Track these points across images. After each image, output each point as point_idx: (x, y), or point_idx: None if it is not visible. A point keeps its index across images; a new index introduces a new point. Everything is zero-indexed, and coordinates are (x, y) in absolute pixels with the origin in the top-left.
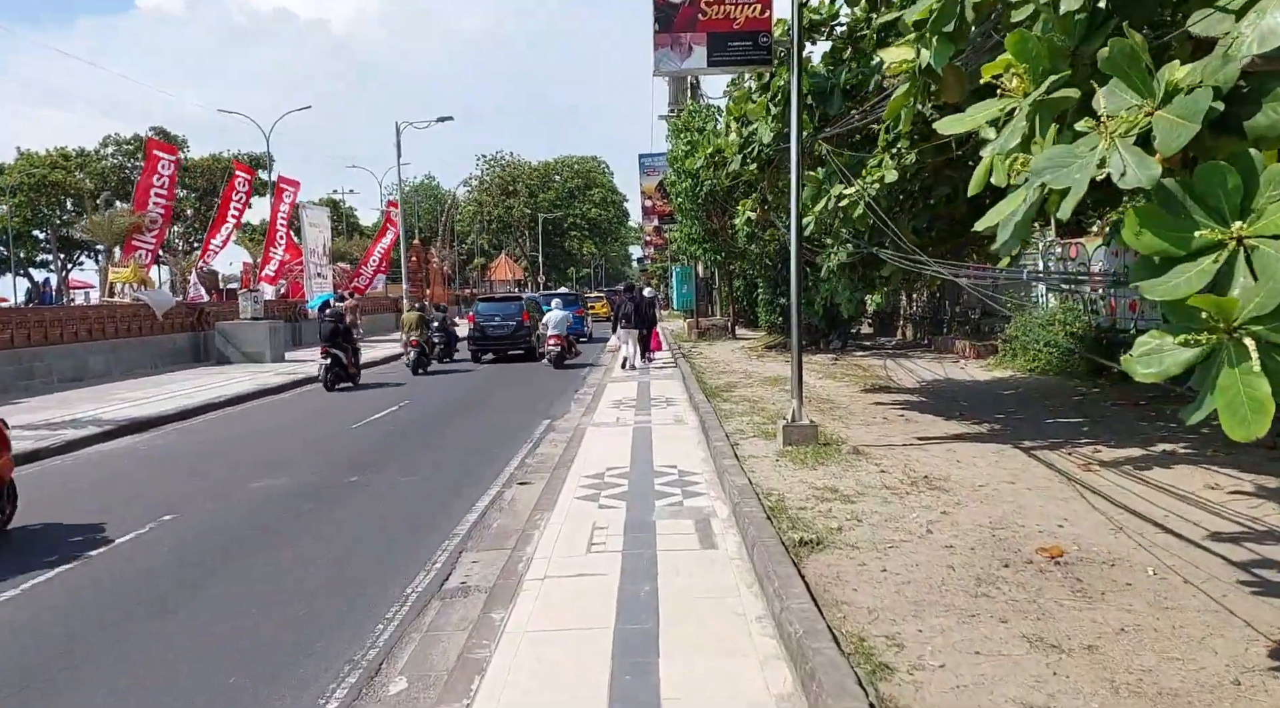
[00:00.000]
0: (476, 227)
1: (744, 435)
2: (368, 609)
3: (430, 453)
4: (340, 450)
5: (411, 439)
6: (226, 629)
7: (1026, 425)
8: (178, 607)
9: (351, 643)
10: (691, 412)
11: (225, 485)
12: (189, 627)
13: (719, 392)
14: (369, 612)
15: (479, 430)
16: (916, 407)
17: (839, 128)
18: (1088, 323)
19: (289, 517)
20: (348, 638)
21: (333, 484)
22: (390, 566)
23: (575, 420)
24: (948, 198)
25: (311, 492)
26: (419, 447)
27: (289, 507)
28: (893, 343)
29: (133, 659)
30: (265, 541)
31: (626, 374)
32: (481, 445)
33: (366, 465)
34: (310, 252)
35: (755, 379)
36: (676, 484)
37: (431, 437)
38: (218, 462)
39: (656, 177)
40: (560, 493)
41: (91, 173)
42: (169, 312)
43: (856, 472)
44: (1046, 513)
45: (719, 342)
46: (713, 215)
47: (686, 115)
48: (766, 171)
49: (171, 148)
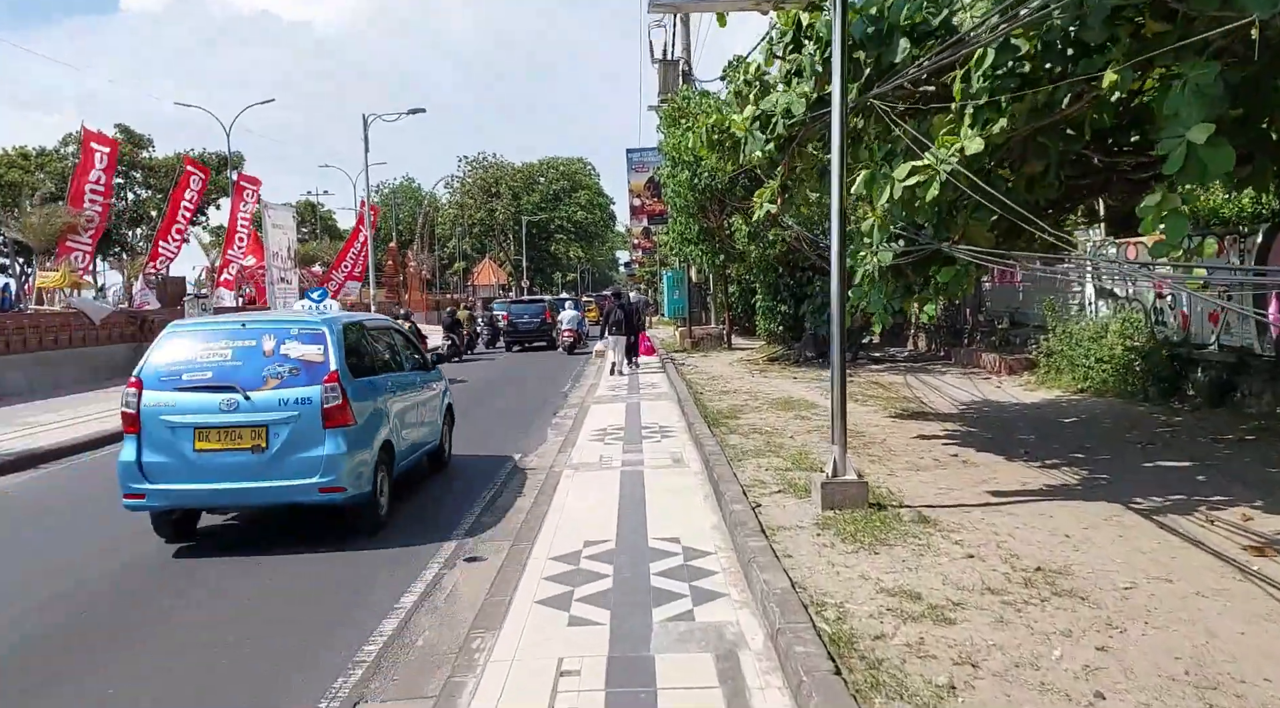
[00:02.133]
0: (458, 230)
1: (765, 490)
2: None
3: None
4: None
5: None
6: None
7: (1122, 471)
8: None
9: None
10: (692, 446)
11: (84, 562)
12: None
13: (723, 418)
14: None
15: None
16: (968, 440)
17: (898, 80)
18: (1150, 335)
19: (117, 623)
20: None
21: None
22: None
23: (550, 457)
24: (1028, 181)
25: (182, 570)
26: None
27: (126, 607)
28: (904, 354)
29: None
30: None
31: (613, 392)
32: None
33: (238, 531)
34: (273, 255)
35: (763, 401)
36: (681, 574)
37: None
38: (87, 519)
39: (646, 173)
40: (516, 590)
41: (52, 172)
42: (107, 321)
43: (936, 557)
44: (1259, 648)
45: (714, 352)
46: (710, 212)
47: (681, 100)
48: (788, 151)
49: (108, 140)
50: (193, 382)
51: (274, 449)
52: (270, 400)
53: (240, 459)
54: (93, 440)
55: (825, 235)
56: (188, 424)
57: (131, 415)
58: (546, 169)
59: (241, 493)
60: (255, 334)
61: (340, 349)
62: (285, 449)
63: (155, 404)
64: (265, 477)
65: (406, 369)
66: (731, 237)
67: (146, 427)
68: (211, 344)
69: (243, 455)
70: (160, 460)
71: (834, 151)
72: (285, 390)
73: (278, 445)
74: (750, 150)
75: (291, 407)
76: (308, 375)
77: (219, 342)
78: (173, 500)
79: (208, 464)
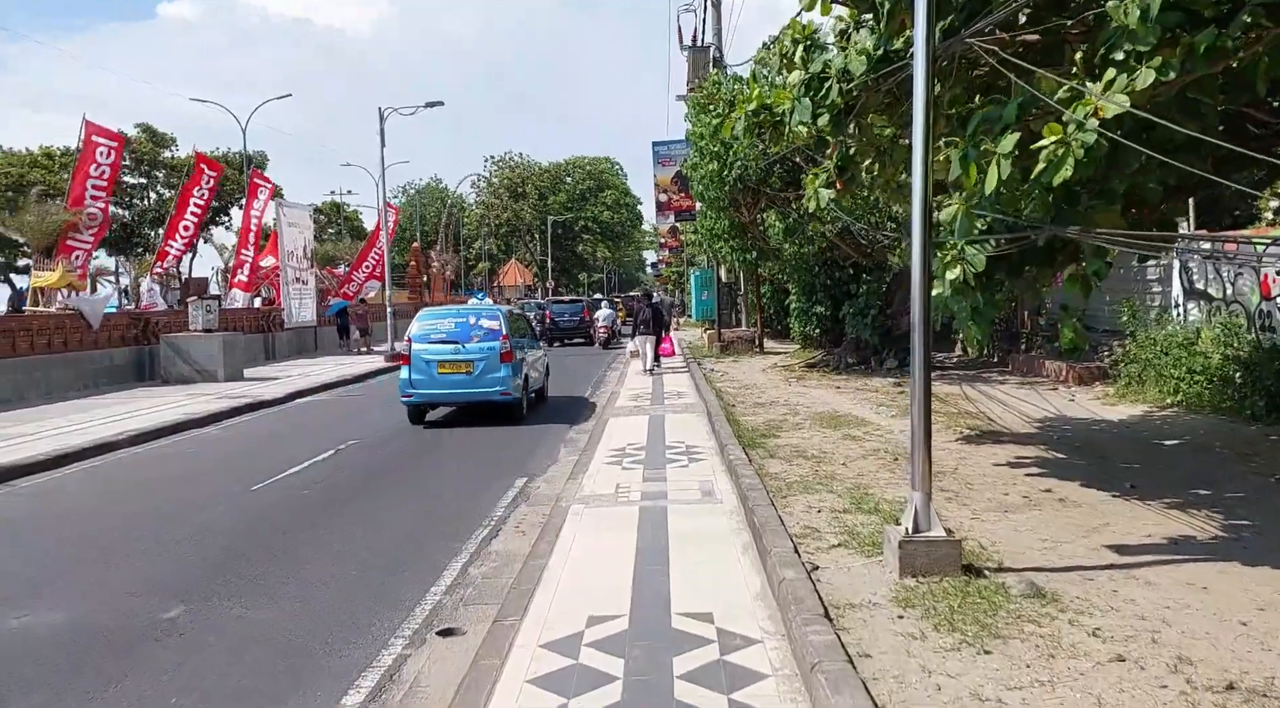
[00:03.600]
0: (484, 230)
1: (821, 542)
2: None
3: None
4: (210, 537)
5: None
6: None
7: (1268, 516)
8: None
9: None
10: (725, 474)
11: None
12: None
13: (759, 437)
14: None
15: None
16: (1058, 470)
17: (1003, 14)
18: (1255, 342)
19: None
20: None
21: (127, 630)
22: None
23: (560, 485)
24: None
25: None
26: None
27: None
28: (953, 360)
29: None
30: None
31: (635, 402)
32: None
33: (203, 585)
34: (289, 254)
35: (805, 416)
36: (717, 677)
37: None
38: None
39: (673, 167)
40: (491, 696)
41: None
42: (106, 323)
43: (1073, 661)
44: None
45: (745, 357)
46: (742, 206)
47: (711, 86)
48: (845, 125)
49: (113, 134)
50: (436, 338)
51: (476, 373)
52: (475, 348)
53: (460, 378)
54: (55, 457)
55: (879, 226)
56: (434, 359)
57: (405, 355)
58: (573, 168)
59: (461, 396)
60: (465, 314)
61: (506, 322)
62: (482, 373)
63: (417, 349)
64: (472, 387)
65: (531, 338)
66: (765, 233)
67: (413, 361)
68: (444, 320)
69: (461, 376)
70: (419, 378)
71: (917, 110)
72: (482, 343)
73: (478, 371)
74: (797, 121)
75: (485, 352)
76: (492, 336)
77: (448, 319)
78: (425, 399)
79: (444, 381)
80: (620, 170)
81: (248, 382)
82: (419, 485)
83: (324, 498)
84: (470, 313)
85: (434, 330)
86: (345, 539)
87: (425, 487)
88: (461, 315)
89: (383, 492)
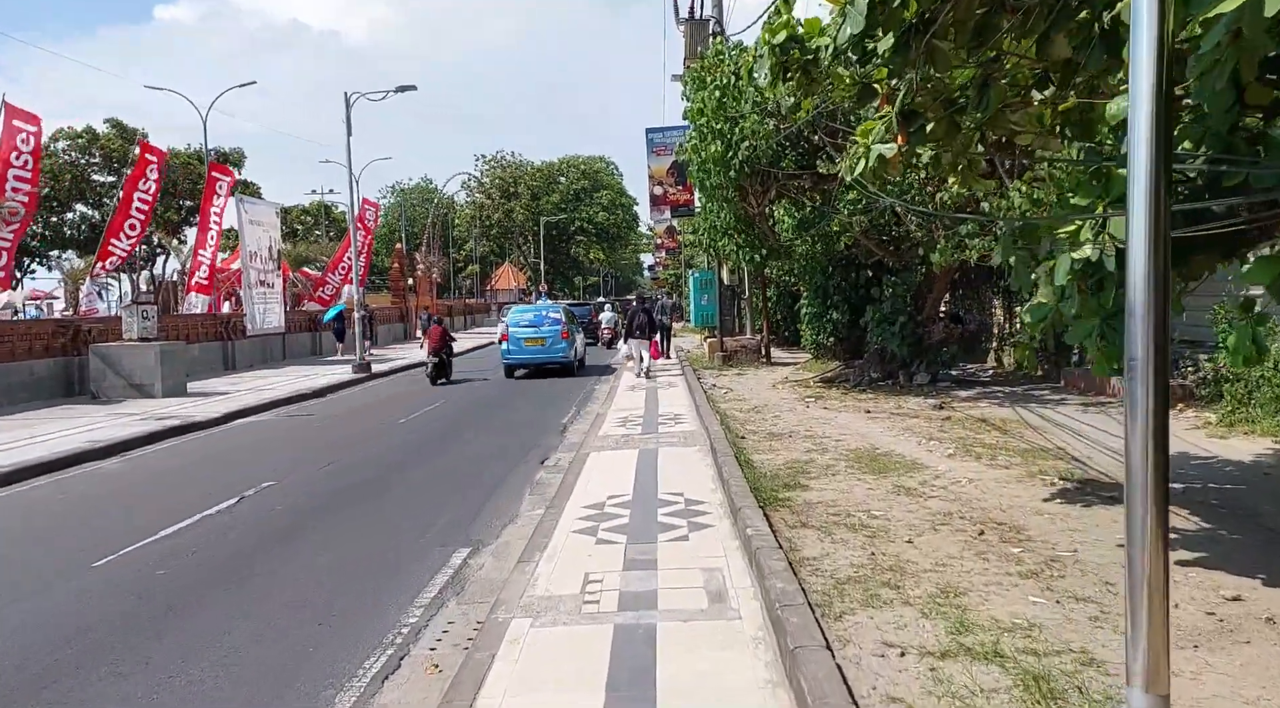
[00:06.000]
0: (475, 231)
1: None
2: None
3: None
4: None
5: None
6: None
7: None
8: None
9: None
10: (740, 556)
11: None
12: None
13: (783, 490)
14: None
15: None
16: (1225, 555)
17: None
18: None
19: None
20: None
21: None
22: None
23: (508, 569)
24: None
25: None
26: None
27: None
28: (988, 373)
29: None
30: None
31: (624, 430)
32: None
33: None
34: (251, 255)
35: (835, 452)
36: None
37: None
38: None
39: (668, 157)
40: None
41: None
42: (28, 331)
43: None
44: None
45: (751, 368)
46: (750, 194)
47: (713, 56)
48: (915, 49)
49: (32, 117)
50: (524, 324)
51: (547, 344)
52: (546, 330)
53: (538, 348)
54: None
55: (928, 201)
56: (522, 337)
57: (504, 334)
58: (567, 168)
59: (538, 360)
60: (540, 310)
61: (564, 315)
62: (550, 345)
63: (513, 331)
64: (545, 353)
65: (576, 326)
66: (774, 228)
67: (510, 338)
68: (526, 313)
69: (538, 347)
70: (512, 348)
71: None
72: (551, 328)
73: (548, 343)
74: (845, 36)
75: (553, 333)
76: (556, 323)
77: (529, 313)
78: (516, 362)
79: (528, 349)
80: (615, 170)
81: (190, 398)
82: (314, 565)
83: (180, 584)
84: (543, 309)
85: (521, 320)
86: (174, 672)
87: (321, 570)
88: (538, 311)
89: (274, 568)
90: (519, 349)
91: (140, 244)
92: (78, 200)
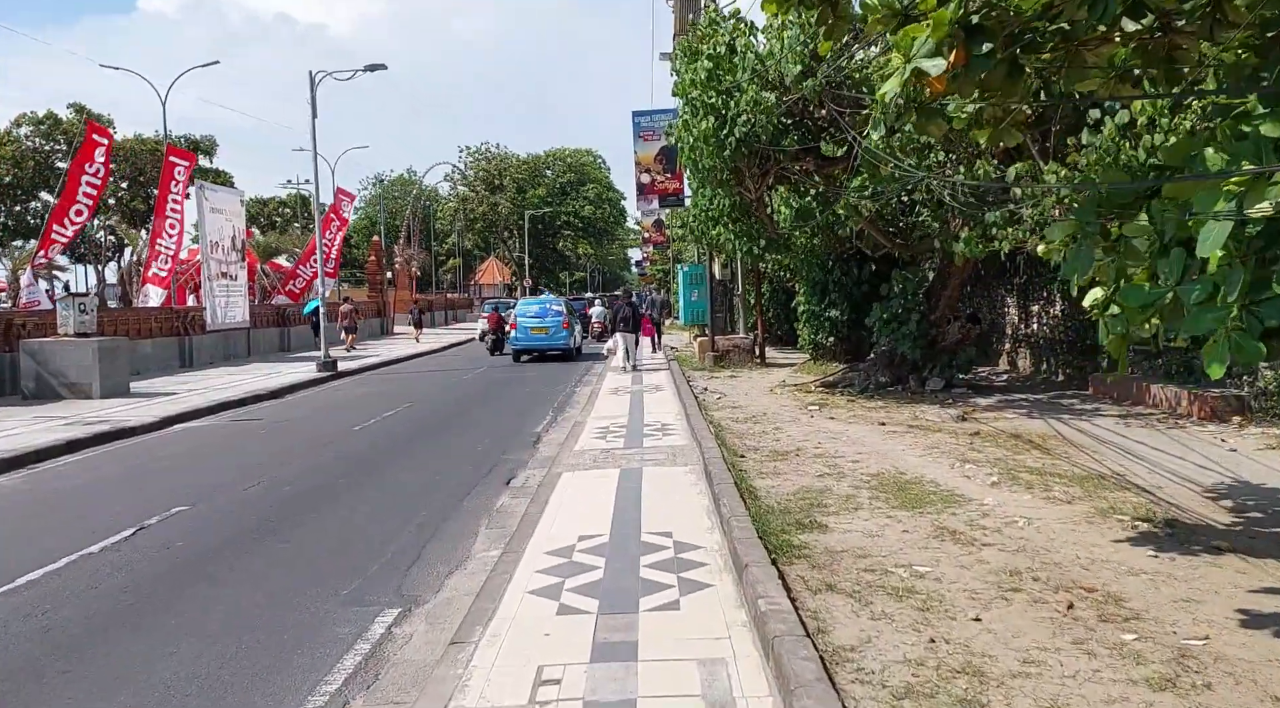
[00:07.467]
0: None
1: None
2: None
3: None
4: None
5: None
6: None
7: None
8: None
9: None
10: (747, 638)
11: None
12: None
13: (796, 533)
14: None
15: None
16: None
17: None
18: None
19: None
20: None
21: None
22: None
23: (425, 682)
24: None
25: None
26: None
27: None
28: (1002, 378)
29: None
30: None
31: (605, 443)
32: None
33: None
34: (212, 245)
35: (853, 477)
36: None
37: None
38: None
39: (656, 142)
40: None
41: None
42: None
43: None
44: None
45: (745, 370)
46: (747, 178)
47: (707, 26)
48: None
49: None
50: (530, 314)
51: (550, 333)
52: (549, 320)
53: (541, 336)
54: None
55: (956, 166)
56: (528, 326)
57: (513, 324)
58: (553, 161)
59: (542, 346)
60: (544, 302)
61: (565, 305)
62: (553, 333)
63: (521, 320)
64: (548, 341)
65: (575, 318)
66: (772, 217)
67: (518, 327)
68: (532, 305)
69: (541, 335)
70: (520, 336)
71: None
72: (553, 318)
73: (551, 332)
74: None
75: (555, 322)
76: (558, 314)
77: (535, 305)
78: (523, 348)
79: (533, 338)
80: (603, 163)
81: (132, 399)
82: (186, 638)
83: (11, 666)
84: (547, 301)
85: (528, 311)
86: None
87: (188, 653)
88: (543, 303)
89: (126, 648)
90: (526, 337)
91: (109, 234)
92: (41, 188)
